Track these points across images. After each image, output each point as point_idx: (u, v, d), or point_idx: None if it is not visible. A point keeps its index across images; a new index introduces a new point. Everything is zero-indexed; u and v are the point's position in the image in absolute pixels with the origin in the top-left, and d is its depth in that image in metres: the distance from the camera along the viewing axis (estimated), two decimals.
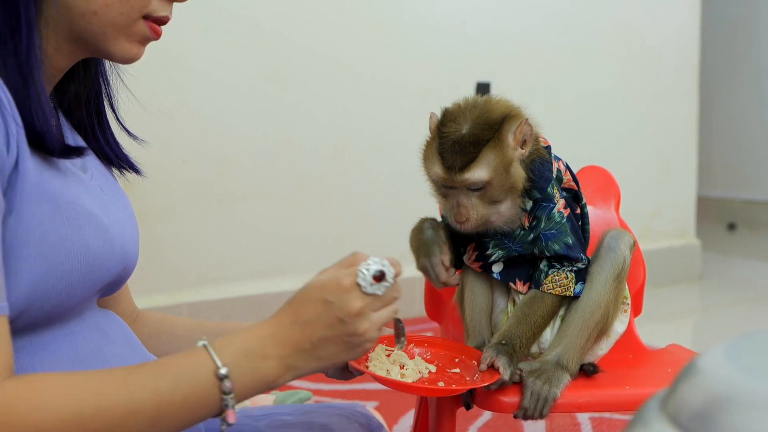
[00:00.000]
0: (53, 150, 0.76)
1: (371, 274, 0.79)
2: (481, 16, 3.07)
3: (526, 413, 1.05)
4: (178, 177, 2.55)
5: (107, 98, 0.96)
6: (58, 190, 0.76)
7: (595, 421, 1.94)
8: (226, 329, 1.11)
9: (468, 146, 1.05)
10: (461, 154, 1.05)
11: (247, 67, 2.64)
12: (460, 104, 1.09)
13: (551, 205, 1.11)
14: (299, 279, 3.21)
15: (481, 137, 1.05)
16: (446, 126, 1.07)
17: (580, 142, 3.26)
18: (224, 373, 0.74)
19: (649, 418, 0.43)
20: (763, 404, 0.38)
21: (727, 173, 5.53)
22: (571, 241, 1.11)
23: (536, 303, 1.11)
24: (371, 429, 1.09)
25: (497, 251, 1.13)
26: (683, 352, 1.28)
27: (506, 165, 1.06)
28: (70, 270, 0.75)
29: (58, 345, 0.79)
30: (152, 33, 0.85)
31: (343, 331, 0.79)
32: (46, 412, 0.67)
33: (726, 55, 5.42)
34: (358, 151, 2.86)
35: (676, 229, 3.69)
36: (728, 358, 0.43)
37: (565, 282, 1.11)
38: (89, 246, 0.77)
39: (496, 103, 1.10)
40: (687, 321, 3.22)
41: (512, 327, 1.09)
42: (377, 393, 2.15)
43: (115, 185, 0.93)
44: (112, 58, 0.86)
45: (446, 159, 1.06)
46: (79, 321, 0.82)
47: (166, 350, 1.07)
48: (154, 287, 2.51)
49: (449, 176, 1.06)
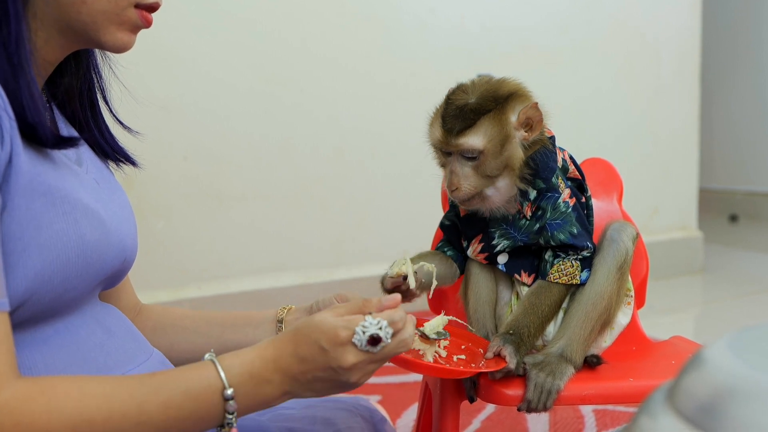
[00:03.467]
0: (46, 141, 0.76)
1: (366, 337, 0.80)
2: (479, 15, 3.06)
3: (530, 406, 1.05)
4: (179, 174, 2.55)
5: (100, 90, 0.96)
6: (53, 183, 0.75)
7: (599, 414, 1.94)
8: (231, 320, 1.11)
9: (469, 113, 1.07)
10: (461, 119, 1.07)
11: (247, 67, 2.64)
12: (474, 80, 1.12)
13: (556, 195, 1.11)
14: (299, 275, 3.23)
15: (483, 107, 1.07)
16: (455, 94, 1.10)
17: (581, 138, 3.26)
18: (230, 395, 0.76)
19: (654, 409, 0.43)
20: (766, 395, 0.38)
21: (728, 165, 5.53)
22: (576, 230, 1.12)
23: (543, 293, 1.11)
24: (374, 423, 1.10)
25: (503, 241, 1.14)
26: (687, 344, 1.28)
27: (503, 139, 1.07)
28: (66, 263, 0.75)
29: (60, 339, 0.78)
30: (143, 20, 0.85)
31: (334, 377, 0.80)
32: (59, 415, 0.68)
33: (726, 50, 5.41)
34: (357, 151, 2.86)
35: (678, 222, 3.69)
36: (733, 350, 0.43)
37: (570, 270, 1.12)
38: (86, 239, 0.77)
39: (508, 82, 1.12)
40: (689, 313, 3.22)
41: (520, 317, 1.10)
42: (380, 387, 2.15)
43: (111, 179, 0.93)
44: (104, 48, 0.86)
45: (446, 122, 1.08)
46: (79, 315, 0.82)
47: (171, 342, 1.07)
48: (155, 283, 2.51)
49: (446, 140, 1.08)
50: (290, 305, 1.15)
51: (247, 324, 1.11)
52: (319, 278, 2.78)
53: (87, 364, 0.79)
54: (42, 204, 0.73)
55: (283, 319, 1.11)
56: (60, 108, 0.92)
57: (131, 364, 0.85)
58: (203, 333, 1.09)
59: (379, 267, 3.26)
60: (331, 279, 2.79)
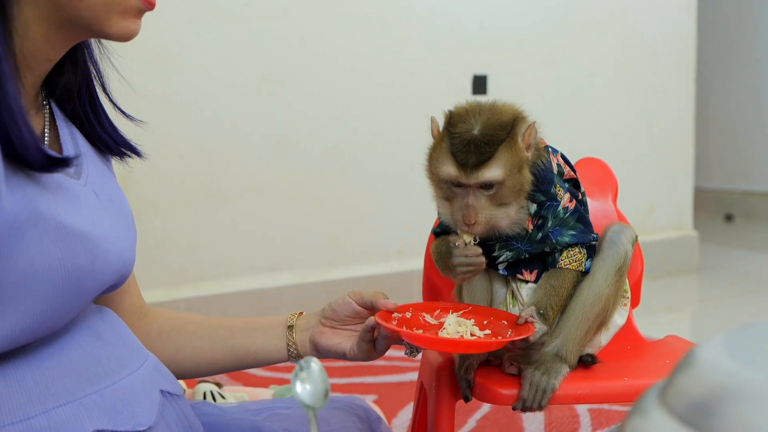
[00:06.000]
0: (33, 165, 0.72)
1: None
2: (477, 12, 3.06)
3: (525, 404, 1.06)
4: (176, 173, 2.54)
5: (98, 81, 0.93)
6: (44, 210, 0.72)
7: (594, 413, 1.94)
8: (239, 325, 1.10)
9: (483, 145, 1.04)
10: (476, 152, 1.04)
11: (245, 65, 2.63)
12: (466, 107, 1.09)
13: (555, 204, 1.11)
14: (296, 274, 3.22)
15: (495, 137, 1.04)
16: (456, 127, 1.06)
17: (577, 136, 3.27)
18: None
19: (647, 408, 0.43)
20: (761, 395, 0.38)
21: (724, 165, 5.54)
22: (578, 229, 1.12)
23: (559, 276, 1.11)
24: (370, 422, 1.09)
25: (504, 252, 1.13)
26: (681, 343, 1.28)
27: (519, 166, 1.06)
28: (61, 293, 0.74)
29: (50, 350, 0.77)
30: (145, 3, 0.82)
31: None
32: None
33: (722, 48, 5.42)
34: (355, 150, 2.86)
35: (673, 221, 3.69)
36: (727, 349, 0.43)
37: (579, 257, 1.12)
38: (80, 266, 0.76)
39: (502, 106, 1.09)
40: (685, 312, 3.22)
41: (542, 299, 1.09)
42: (376, 387, 2.15)
43: (111, 187, 0.90)
44: (111, 38, 0.83)
45: (459, 157, 1.04)
46: (71, 324, 0.81)
47: (177, 347, 1.06)
48: (152, 282, 2.50)
49: (462, 175, 1.05)
50: (303, 307, 1.14)
51: (256, 329, 1.09)
52: (316, 277, 2.78)
53: (78, 374, 0.78)
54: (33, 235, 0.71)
55: (294, 324, 1.09)
56: (59, 105, 0.89)
57: (124, 371, 0.84)
58: (210, 337, 1.08)
59: (376, 266, 3.28)
60: (329, 278, 2.79)
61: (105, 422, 0.77)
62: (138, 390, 0.83)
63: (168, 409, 0.87)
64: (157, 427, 0.82)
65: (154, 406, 0.84)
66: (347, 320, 1.08)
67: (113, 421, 0.78)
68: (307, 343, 1.08)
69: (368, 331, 1.03)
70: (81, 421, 0.75)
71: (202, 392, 1.64)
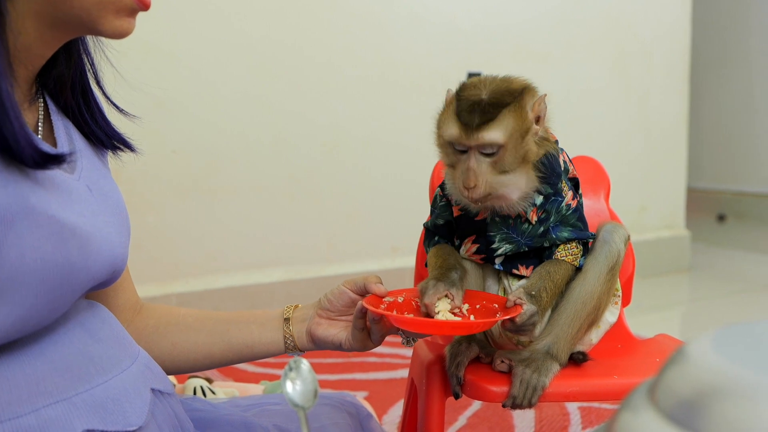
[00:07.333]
0: (27, 162, 0.71)
1: None
2: (472, 13, 3.06)
3: (515, 402, 1.06)
4: (169, 168, 2.54)
5: (92, 74, 0.93)
6: (36, 204, 0.72)
7: (584, 411, 1.94)
8: (236, 318, 1.10)
9: (487, 107, 1.03)
10: (480, 113, 1.03)
11: (238, 62, 2.63)
12: (479, 78, 1.09)
13: (560, 199, 1.12)
14: (289, 271, 3.22)
15: (501, 101, 1.04)
16: (465, 91, 1.06)
17: (571, 135, 3.26)
18: None
19: (636, 405, 0.43)
20: (749, 393, 0.38)
21: (716, 165, 5.55)
22: (579, 226, 1.13)
23: (555, 265, 1.11)
24: (360, 419, 1.09)
25: (504, 245, 1.12)
26: (671, 341, 1.29)
27: (523, 132, 1.05)
28: (51, 287, 0.73)
29: (40, 347, 0.76)
30: (139, 4, 0.82)
31: None
32: None
33: (716, 49, 5.43)
34: (349, 147, 2.86)
35: (665, 220, 3.71)
36: (715, 347, 0.43)
37: (575, 252, 1.12)
38: (71, 261, 0.75)
39: (515, 78, 1.10)
40: (676, 311, 3.24)
41: (536, 282, 1.09)
42: (367, 383, 2.15)
43: (105, 182, 0.89)
44: (105, 36, 0.83)
45: (463, 117, 1.04)
46: (62, 320, 0.80)
47: (173, 341, 1.06)
48: (144, 277, 2.50)
49: (464, 135, 1.04)
50: (296, 303, 1.13)
51: (252, 322, 1.09)
52: (310, 274, 2.78)
53: (69, 372, 0.77)
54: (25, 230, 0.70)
55: (290, 317, 1.09)
56: (53, 98, 0.89)
57: (115, 369, 0.82)
58: (207, 331, 1.07)
59: (369, 263, 3.27)
60: (322, 275, 2.78)
61: (95, 422, 0.76)
62: (129, 389, 0.82)
63: (158, 407, 0.86)
64: (147, 427, 0.81)
65: (144, 405, 0.83)
66: (344, 310, 1.08)
67: (103, 421, 0.77)
68: (303, 334, 1.08)
69: (360, 318, 1.03)
70: (71, 420, 0.74)
71: (192, 388, 1.63)
